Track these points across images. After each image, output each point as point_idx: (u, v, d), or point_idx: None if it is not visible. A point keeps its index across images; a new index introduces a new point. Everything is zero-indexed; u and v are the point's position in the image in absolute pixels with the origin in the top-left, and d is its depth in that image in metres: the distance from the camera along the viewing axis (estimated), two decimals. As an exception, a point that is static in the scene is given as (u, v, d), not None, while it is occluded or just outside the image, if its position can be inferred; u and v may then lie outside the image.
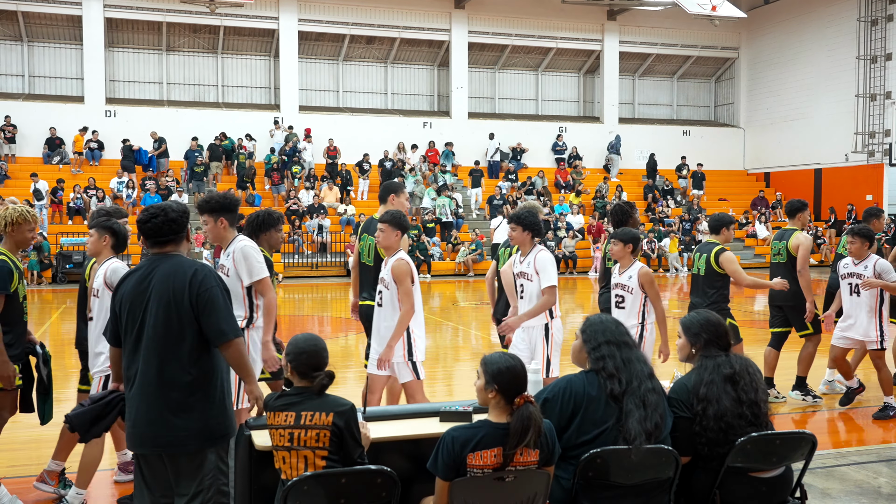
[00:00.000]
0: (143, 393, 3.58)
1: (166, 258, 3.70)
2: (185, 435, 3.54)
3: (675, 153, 31.07)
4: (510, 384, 3.30)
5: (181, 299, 3.55)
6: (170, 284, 3.58)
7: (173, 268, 3.63)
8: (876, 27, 27.22)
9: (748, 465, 3.70)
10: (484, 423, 3.31)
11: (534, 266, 5.88)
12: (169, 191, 23.49)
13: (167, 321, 3.56)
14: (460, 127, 29.03)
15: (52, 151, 25.00)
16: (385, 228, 5.49)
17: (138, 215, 3.79)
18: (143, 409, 3.57)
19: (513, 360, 3.37)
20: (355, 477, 3.32)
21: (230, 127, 26.64)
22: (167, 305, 3.56)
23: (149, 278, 3.64)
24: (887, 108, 27.07)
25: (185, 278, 3.57)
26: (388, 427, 3.86)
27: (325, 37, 28.56)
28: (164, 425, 3.54)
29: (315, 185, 25.57)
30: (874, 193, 27.00)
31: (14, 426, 6.76)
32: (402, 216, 5.61)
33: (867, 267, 7.16)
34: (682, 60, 32.72)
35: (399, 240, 5.55)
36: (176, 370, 3.55)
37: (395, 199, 6.34)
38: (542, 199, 26.87)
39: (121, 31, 27.17)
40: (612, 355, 3.62)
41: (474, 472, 3.21)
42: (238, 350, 3.62)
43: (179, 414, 3.54)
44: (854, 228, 7.27)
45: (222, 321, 3.58)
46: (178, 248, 3.74)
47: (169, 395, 3.54)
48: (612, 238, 6.38)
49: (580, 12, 29.93)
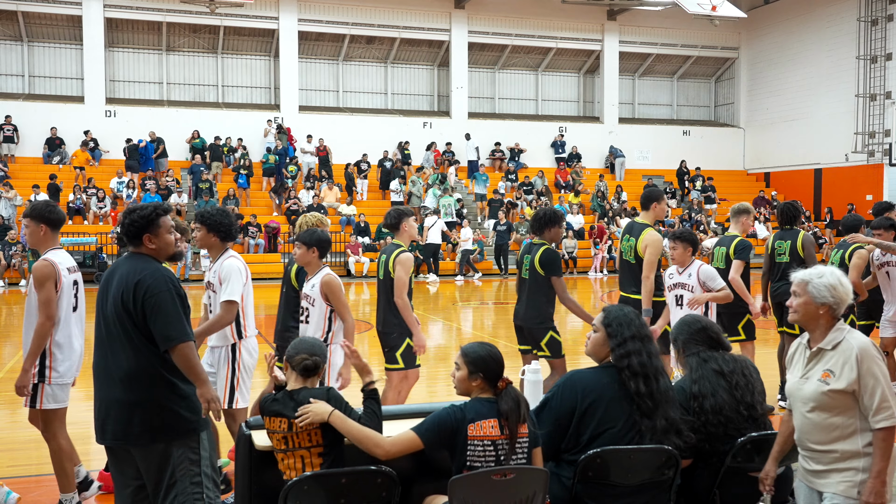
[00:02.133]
0: (102, 387, 3.73)
1: (129, 258, 3.79)
2: (140, 430, 3.63)
3: (675, 153, 31.08)
4: (493, 370, 3.43)
5: (128, 301, 3.63)
6: (122, 285, 3.67)
7: (128, 270, 3.71)
8: (876, 27, 27.21)
9: (748, 464, 3.70)
10: (473, 400, 3.43)
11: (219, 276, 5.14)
12: (169, 191, 23.49)
13: (118, 320, 3.66)
14: (460, 127, 29.01)
15: (52, 151, 24.99)
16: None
17: None
18: (103, 404, 3.72)
19: (490, 347, 3.50)
20: (355, 477, 3.33)
21: (230, 127, 26.65)
22: (116, 305, 3.66)
23: (111, 276, 3.77)
24: (887, 108, 27.06)
25: (133, 282, 3.63)
26: (388, 427, 3.86)
27: (325, 37, 28.57)
28: (120, 420, 3.66)
29: (315, 185, 25.56)
30: (874, 193, 26.98)
31: (14, 426, 6.76)
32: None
33: (691, 275, 6.40)
34: (682, 60, 32.73)
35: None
36: (131, 369, 3.64)
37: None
38: (542, 199, 26.89)
39: (121, 31, 27.17)
40: (637, 351, 3.56)
41: (475, 443, 3.29)
42: (185, 354, 3.63)
43: (133, 409, 3.64)
44: (675, 232, 6.49)
45: (169, 326, 3.60)
46: (139, 250, 3.78)
47: (125, 391, 3.64)
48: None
49: (580, 12, 29.93)
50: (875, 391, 3.23)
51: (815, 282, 3.41)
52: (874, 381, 3.25)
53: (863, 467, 3.26)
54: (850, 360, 3.29)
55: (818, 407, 3.34)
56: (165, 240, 3.81)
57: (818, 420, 3.35)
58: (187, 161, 25.98)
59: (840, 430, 3.31)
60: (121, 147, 25.14)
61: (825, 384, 3.32)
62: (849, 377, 3.27)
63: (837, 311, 3.39)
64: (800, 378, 3.45)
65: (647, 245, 6.74)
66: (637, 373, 3.52)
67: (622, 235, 7.16)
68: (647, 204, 7.08)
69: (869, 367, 3.26)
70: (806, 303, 3.41)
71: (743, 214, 7.59)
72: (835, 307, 3.38)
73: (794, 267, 7.60)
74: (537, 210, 6.78)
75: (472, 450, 3.31)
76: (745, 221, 7.55)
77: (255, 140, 26.80)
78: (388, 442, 3.37)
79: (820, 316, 3.39)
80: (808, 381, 3.40)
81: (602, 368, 3.64)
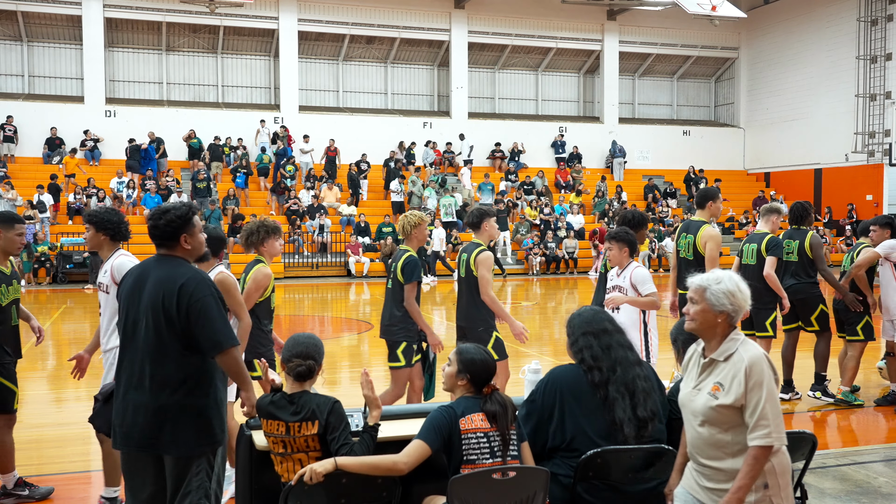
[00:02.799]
0: (133, 394, 3.59)
1: (163, 261, 3.68)
2: (170, 439, 3.54)
3: (675, 153, 31.08)
4: (480, 375, 3.52)
5: (170, 307, 3.52)
6: (160, 290, 3.56)
7: (166, 273, 3.60)
8: (876, 27, 27.22)
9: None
10: (460, 398, 3.52)
11: (111, 276, 4.99)
12: (169, 191, 23.50)
13: (157, 326, 3.54)
14: (460, 127, 29.02)
15: (52, 151, 24.99)
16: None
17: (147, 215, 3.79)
18: (131, 410, 3.59)
19: (485, 353, 3.59)
20: (355, 477, 3.32)
21: (230, 127, 26.65)
22: (156, 310, 3.54)
23: (143, 278, 3.64)
24: (887, 108, 27.06)
25: (175, 287, 3.53)
26: (389, 427, 3.86)
27: (325, 37, 28.57)
28: (151, 427, 3.54)
29: (315, 186, 25.56)
30: (874, 193, 27.01)
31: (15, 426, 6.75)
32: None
33: (625, 277, 5.98)
34: (682, 60, 32.73)
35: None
36: (165, 376, 3.54)
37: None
38: (543, 199, 26.89)
39: (121, 31, 27.17)
40: (588, 346, 3.68)
41: (469, 437, 3.36)
42: (234, 358, 3.60)
43: (166, 417, 3.53)
44: (612, 232, 6.12)
45: (216, 332, 3.53)
46: (174, 252, 3.70)
47: (156, 398, 3.53)
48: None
49: (580, 12, 29.93)
50: (757, 407, 3.01)
51: (713, 288, 3.16)
52: (758, 397, 3.02)
53: (753, 488, 3.04)
54: (740, 373, 3.06)
55: (707, 421, 3.13)
56: (199, 239, 3.76)
57: (707, 435, 3.14)
58: (187, 161, 25.98)
59: (729, 448, 3.10)
60: (120, 147, 25.14)
61: (714, 398, 3.11)
62: (737, 392, 3.06)
63: (734, 318, 3.17)
64: (692, 389, 3.24)
65: (707, 240, 7.01)
66: (592, 366, 3.64)
67: (679, 234, 7.43)
68: (702, 202, 7.37)
69: (757, 381, 3.04)
70: (703, 310, 3.18)
71: (773, 213, 7.78)
72: (733, 315, 3.16)
73: (800, 266, 7.70)
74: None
75: (466, 443, 3.37)
76: (775, 220, 7.75)
77: (252, 140, 26.78)
78: (401, 459, 3.36)
79: (717, 324, 3.16)
80: (699, 392, 3.19)
81: (573, 366, 3.75)
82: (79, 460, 6.11)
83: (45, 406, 8.22)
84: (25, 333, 5.51)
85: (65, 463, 5.63)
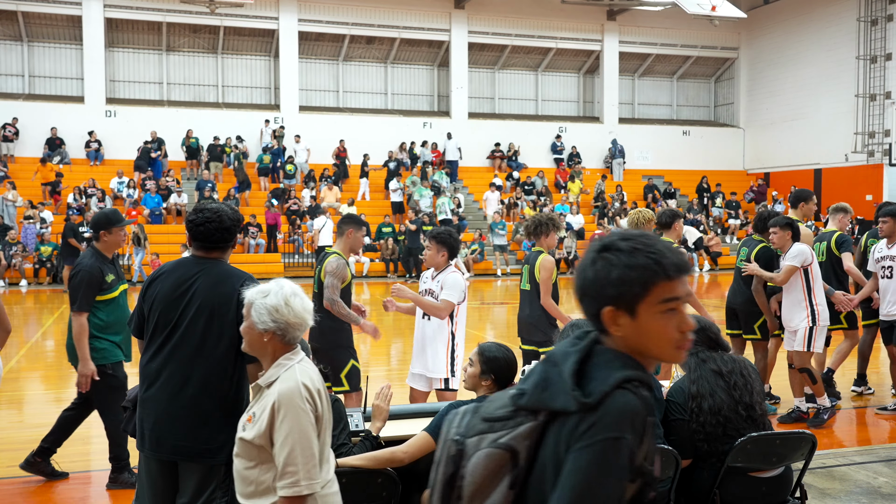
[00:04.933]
0: (169, 397, 3.51)
1: (212, 264, 3.63)
2: (205, 447, 3.48)
3: (674, 153, 31.07)
4: (505, 375, 3.45)
5: (227, 310, 3.48)
6: (216, 293, 3.51)
7: (221, 277, 3.56)
8: (876, 27, 27.21)
9: (748, 464, 3.70)
10: (479, 398, 3.37)
11: None
12: (169, 191, 23.52)
13: (206, 330, 3.49)
14: (460, 127, 29.02)
15: (52, 151, 24.98)
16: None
17: (188, 214, 3.71)
18: (165, 414, 3.51)
19: (508, 352, 3.52)
20: (355, 477, 3.32)
21: (230, 127, 26.64)
22: (210, 314, 3.49)
23: (190, 282, 3.57)
24: (887, 108, 27.05)
25: (234, 290, 3.46)
26: (389, 427, 3.86)
27: (325, 37, 28.56)
28: (188, 433, 3.48)
29: (315, 185, 25.55)
30: (874, 193, 26.99)
31: (15, 426, 6.75)
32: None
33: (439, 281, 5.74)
34: (682, 60, 32.73)
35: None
36: (208, 380, 3.49)
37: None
38: (542, 199, 26.86)
39: (121, 31, 27.17)
40: None
41: None
42: None
43: (205, 424, 3.48)
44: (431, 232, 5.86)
45: None
46: (223, 255, 3.69)
47: (197, 403, 3.48)
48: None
49: (580, 12, 29.93)
50: (283, 449, 2.63)
51: (257, 303, 2.77)
52: (285, 437, 2.63)
53: None
54: (268, 406, 2.68)
55: (238, 452, 2.79)
56: None
57: (239, 467, 2.78)
58: (186, 161, 25.98)
59: (255, 486, 2.74)
60: (121, 147, 25.16)
61: (242, 429, 2.78)
62: (259, 428, 2.69)
63: (286, 337, 2.77)
64: None
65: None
66: None
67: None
68: (795, 203, 7.56)
69: (286, 417, 2.64)
70: (249, 328, 2.79)
71: (840, 213, 7.97)
72: (280, 333, 2.75)
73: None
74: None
75: None
76: (843, 219, 7.94)
77: (256, 140, 26.78)
78: (401, 450, 3.36)
79: (265, 344, 2.77)
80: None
81: None
82: (79, 460, 6.11)
83: (45, 406, 8.21)
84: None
85: (65, 463, 5.63)
